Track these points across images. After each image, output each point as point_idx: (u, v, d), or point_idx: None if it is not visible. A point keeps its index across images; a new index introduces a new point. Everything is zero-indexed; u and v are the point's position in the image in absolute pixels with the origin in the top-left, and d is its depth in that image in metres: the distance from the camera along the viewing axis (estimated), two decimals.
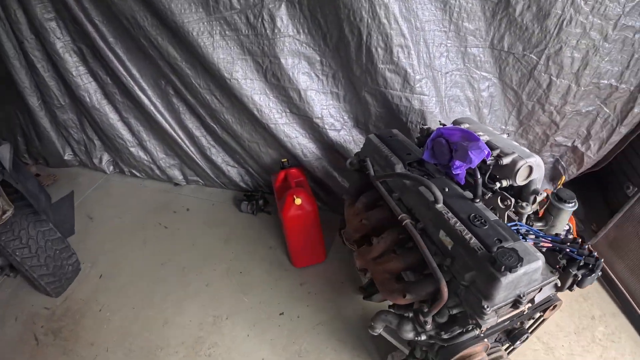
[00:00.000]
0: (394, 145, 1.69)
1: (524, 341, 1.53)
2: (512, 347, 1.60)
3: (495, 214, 1.31)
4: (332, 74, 2.02)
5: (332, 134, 2.18)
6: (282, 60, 1.96)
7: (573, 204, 1.36)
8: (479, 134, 1.52)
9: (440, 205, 1.31)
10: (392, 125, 2.05)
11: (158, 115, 2.52)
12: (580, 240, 1.27)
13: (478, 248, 1.16)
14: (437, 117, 1.96)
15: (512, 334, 1.50)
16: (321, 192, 2.52)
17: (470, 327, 1.32)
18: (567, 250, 1.23)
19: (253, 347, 1.98)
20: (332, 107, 2.13)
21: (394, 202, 1.49)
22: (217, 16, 1.92)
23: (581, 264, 1.19)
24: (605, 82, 1.84)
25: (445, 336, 1.35)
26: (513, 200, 1.35)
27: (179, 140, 2.61)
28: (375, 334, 1.53)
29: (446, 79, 1.95)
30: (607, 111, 1.94)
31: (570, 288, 1.21)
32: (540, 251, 1.23)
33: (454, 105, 2.06)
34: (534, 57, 1.81)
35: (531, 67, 1.86)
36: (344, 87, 2.06)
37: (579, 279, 1.20)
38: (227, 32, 1.96)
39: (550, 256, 1.28)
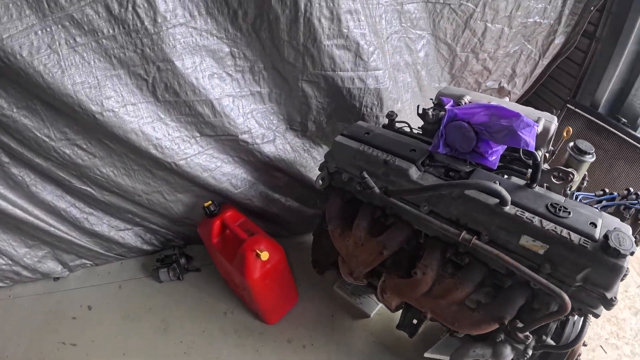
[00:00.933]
0: (382, 143, 1.34)
1: None
2: None
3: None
4: (249, 68, 1.50)
5: (268, 148, 1.68)
6: (178, 63, 1.34)
7: (592, 155, 1.31)
8: (478, 103, 1.32)
9: (509, 207, 1.06)
10: (339, 116, 1.69)
11: None
12: (629, 190, 1.24)
13: (583, 242, 0.98)
14: (391, 93, 1.66)
15: None
16: (260, 222, 2.00)
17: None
18: (628, 203, 1.19)
19: None
20: (257, 112, 1.61)
21: (430, 218, 1.17)
22: (57, 16, 1.18)
23: None
24: (531, 20, 1.85)
25: (550, 341, 1.16)
26: (575, 172, 1.21)
27: (39, 222, 1.74)
28: None
29: (388, 46, 1.67)
30: (530, 47, 1.99)
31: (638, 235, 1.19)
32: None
33: (396, 74, 1.80)
34: (471, 5, 1.69)
35: (467, 17, 1.73)
36: (267, 82, 1.56)
37: None
38: (78, 40, 1.24)
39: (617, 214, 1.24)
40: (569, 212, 1.04)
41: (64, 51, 1.24)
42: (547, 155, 1.40)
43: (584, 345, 1.28)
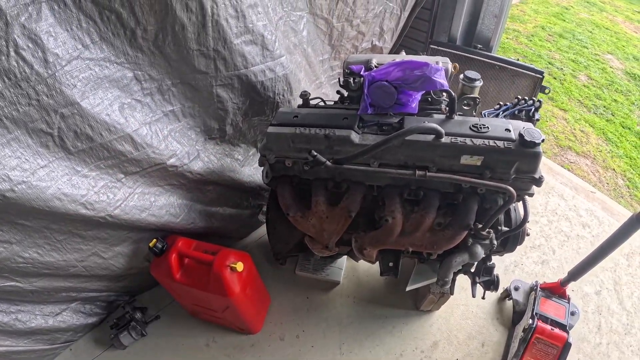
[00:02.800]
0: (315, 120, 1.52)
1: None
2: None
3: None
4: (157, 88, 1.48)
5: (197, 165, 1.69)
6: (84, 104, 1.26)
7: (480, 80, 1.72)
8: (390, 61, 1.59)
9: (445, 138, 1.37)
10: (254, 111, 1.81)
11: None
12: (518, 97, 1.70)
13: (507, 145, 1.35)
14: (296, 75, 1.85)
15: None
16: (206, 240, 2.00)
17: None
18: (522, 107, 1.65)
19: None
20: (175, 132, 1.61)
21: (385, 169, 1.43)
22: None
23: (534, 109, 1.63)
24: None
25: (506, 228, 1.56)
26: (479, 98, 1.57)
27: None
28: (449, 285, 1.57)
29: (278, 32, 1.83)
30: (392, 5, 2.36)
31: None
32: None
33: (290, 56, 1.98)
34: None
35: None
36: (177, 99, 1.56)
37: (538, 119, 1.65)
38: None
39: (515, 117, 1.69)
40: (488, 127, 1.39)
41: None
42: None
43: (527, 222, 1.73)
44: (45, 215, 1.34)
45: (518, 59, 2.64)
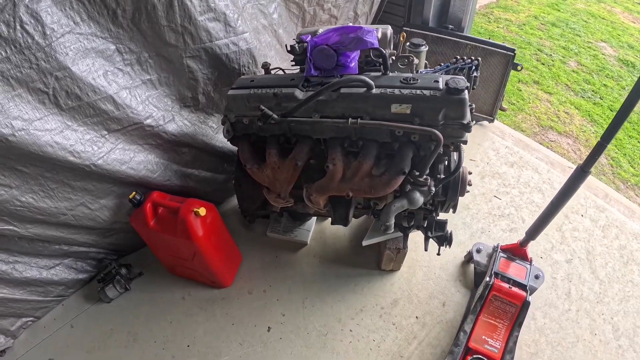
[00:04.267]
0: (267, 82, 1.94)
1: None
2: None
3: None
4: (136, 59, 1.96)
5: (171, 127, 2.17)
6: (74, 69, 1.75)
7: (425, 45, 2.14)
8: (328, 28, 2.03)
9: (375, 90, 1.74)
10: (224, 81, 2.26)
11: None
12: (457, 57, 2.09)
13: (433, 93, 1.68)
14: (260, 50, 2.31)
15: None
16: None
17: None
18: (460, 66, 2.04)
19: None
20: (153, 97, 2.08)
21: (323, 119, 1.81)
22: None
23: (472, 67, 2.01)
24: None
25: (444, 175, 1.90)
26: (412, 56, 1.98)
27: None
28: (391, 230, 1.95)
29: (245, 14, 2.31)
30: None
31: (474, 87, 2.04)
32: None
33: (259, 36, 2.45)
34: None
35: None
36: (154, 69, 2.04)
37: (477, 76, 2.03)
38: None
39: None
40: (417, 80, 1.74)
41: None
42: (394, 57, 2.19)
43: (470, 173, 2.08)
44: (40, 162, 1.80)
45: (489, 38, 3.02)
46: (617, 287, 2.49)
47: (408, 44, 2.15)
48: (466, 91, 1.69)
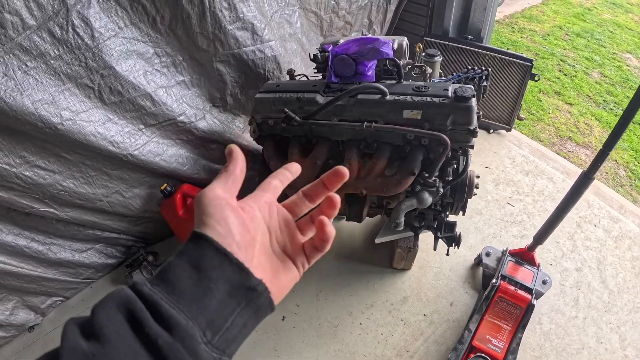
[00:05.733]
0: (292, 88, 2.10)
1: None
2: None
3: None
4: (172, 62, 2.17)
5: (202, 124, 2.35)
6: (117, 68, 1.95)
7: (439, 55, 2.26)
8: (347, 39, 2.18)
9: (389, 96, 1.88)
10: (250, 84, 2.43)
11: None
12: (468, 67, 2.19)
13: (442, 100, 1.81)
14: (285, 58, 2.47)
15: None
16: None
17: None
18: (470, 75, 2.14)
19: None
20: (186, 97, 2.27)
21: (340, 122, 1.95)
22: (7, 47, 1.69)
23: (483, 77, 2.11)
24: None
25: (452, 177, 2.01)
26: (426, 66, 2.11)
27: (4, 266, 2.15)
28: (401, 228, 2.06)
29: (273, 23, 2.49)
30: None
31: (483, 96, 2.14)
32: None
33: (285, 44, 2.63)
34: None
35: None
36: (188, 71, 2.24)
37: (486, 86, 2.13)
38: (29, 64, 1.75)
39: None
40: (428, 88, 1.87)
41: (19, 76, 1.76)
42: (409, 66, 2.32)
43: (477, 177, 2.18)
44: (82, 150, 2.01)
45: (508, 49, 3.10)
46: (627, 297, 2.52)
47: (423, 54, 2.27)
48: (473, 99, 1.80)
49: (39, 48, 1.78)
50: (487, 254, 2.53)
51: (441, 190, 1.99)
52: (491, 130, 3.60)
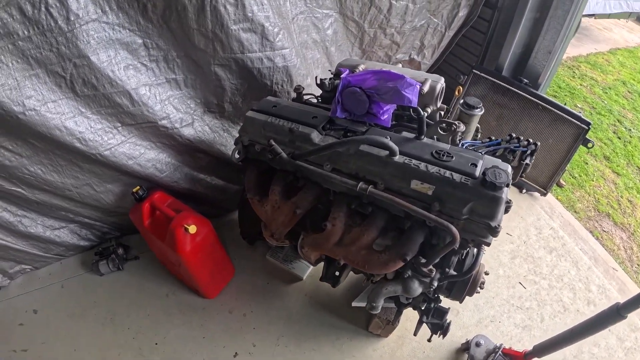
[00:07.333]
0: (288, 114, 1.77)
1: None
2: None
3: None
4: (163, 57, 1.89)
5: (187, 131, 2.09)
6: (93, 58, 1.70)
7: (480, 108, 1.84)
8: (367, 69, 1.80)
9: (398, 157, 1.48)
10: (254, 95, 2.13)
11: None
12: (511, 135, 1.76)
13: (464, 180, 1.38)
14: (300, 69, 2.13)
15: None
16: (191, 203, 2.40)
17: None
18: (512, 147, 1.71)
19: None
20: (174, 98, 2.01)
21: (332, 174, 1.60)
22: None
23: (527, 152, 1.69)
24: None
25: (453, 272, 1.62)
26: (460, 124, 1.66)
27: None
28: (377, 312, 1.75)
29: (294, 26, 2.14)
30: (436, 21, 2.54)
31: (521, 176, 1.73)
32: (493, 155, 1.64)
33: (305, 51, 2.28)
34: None
35: None
36: (182, 69, 1.96)
37: (529, 163, 1.71)
38: None
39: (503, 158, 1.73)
40: (452, 156, 1.45)
41: None
42: (442, 112, 1.90)
43: (486, 274, 1.81)
44: (49, 141, 1.80)
45: (565, 104, 2.62)
46: None
47: (462, 101, 1.86)
48: (505, 188, 1.38)
49: (7, 26, 1.55)
50: (477, 344, 2.16)
51: (435, 284, 1.63)
52: (524, 190, 3.14)
